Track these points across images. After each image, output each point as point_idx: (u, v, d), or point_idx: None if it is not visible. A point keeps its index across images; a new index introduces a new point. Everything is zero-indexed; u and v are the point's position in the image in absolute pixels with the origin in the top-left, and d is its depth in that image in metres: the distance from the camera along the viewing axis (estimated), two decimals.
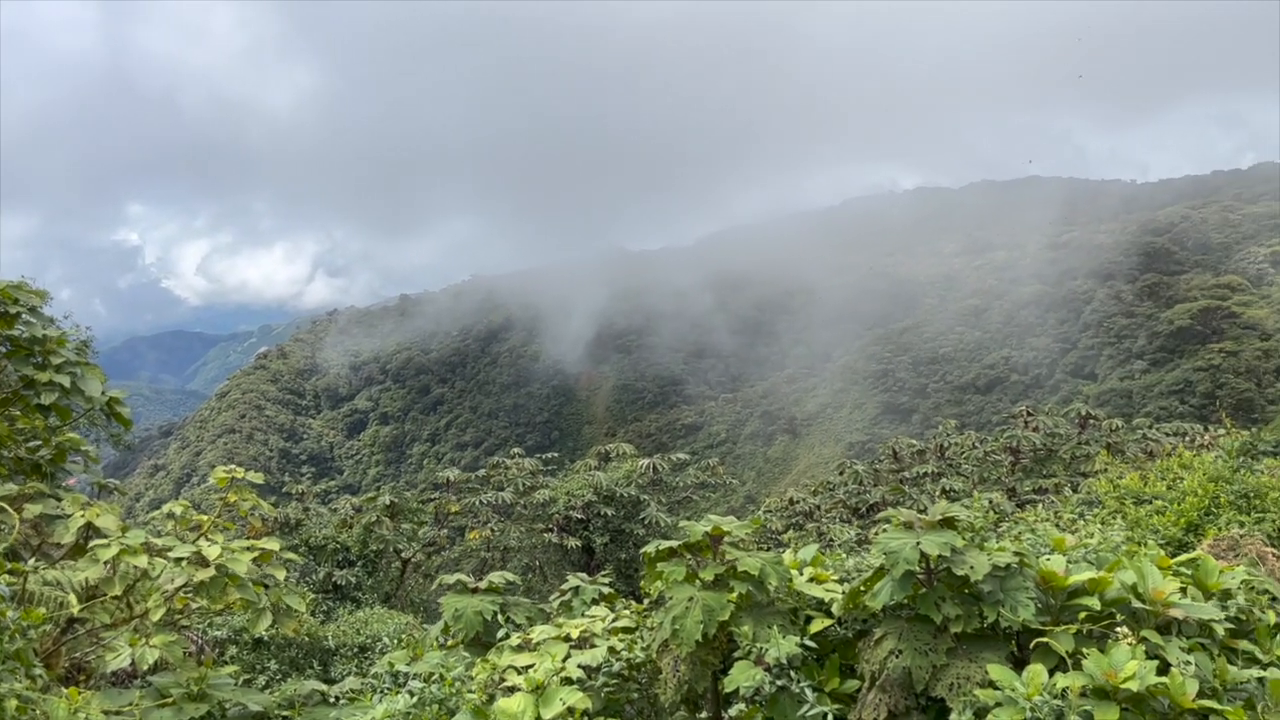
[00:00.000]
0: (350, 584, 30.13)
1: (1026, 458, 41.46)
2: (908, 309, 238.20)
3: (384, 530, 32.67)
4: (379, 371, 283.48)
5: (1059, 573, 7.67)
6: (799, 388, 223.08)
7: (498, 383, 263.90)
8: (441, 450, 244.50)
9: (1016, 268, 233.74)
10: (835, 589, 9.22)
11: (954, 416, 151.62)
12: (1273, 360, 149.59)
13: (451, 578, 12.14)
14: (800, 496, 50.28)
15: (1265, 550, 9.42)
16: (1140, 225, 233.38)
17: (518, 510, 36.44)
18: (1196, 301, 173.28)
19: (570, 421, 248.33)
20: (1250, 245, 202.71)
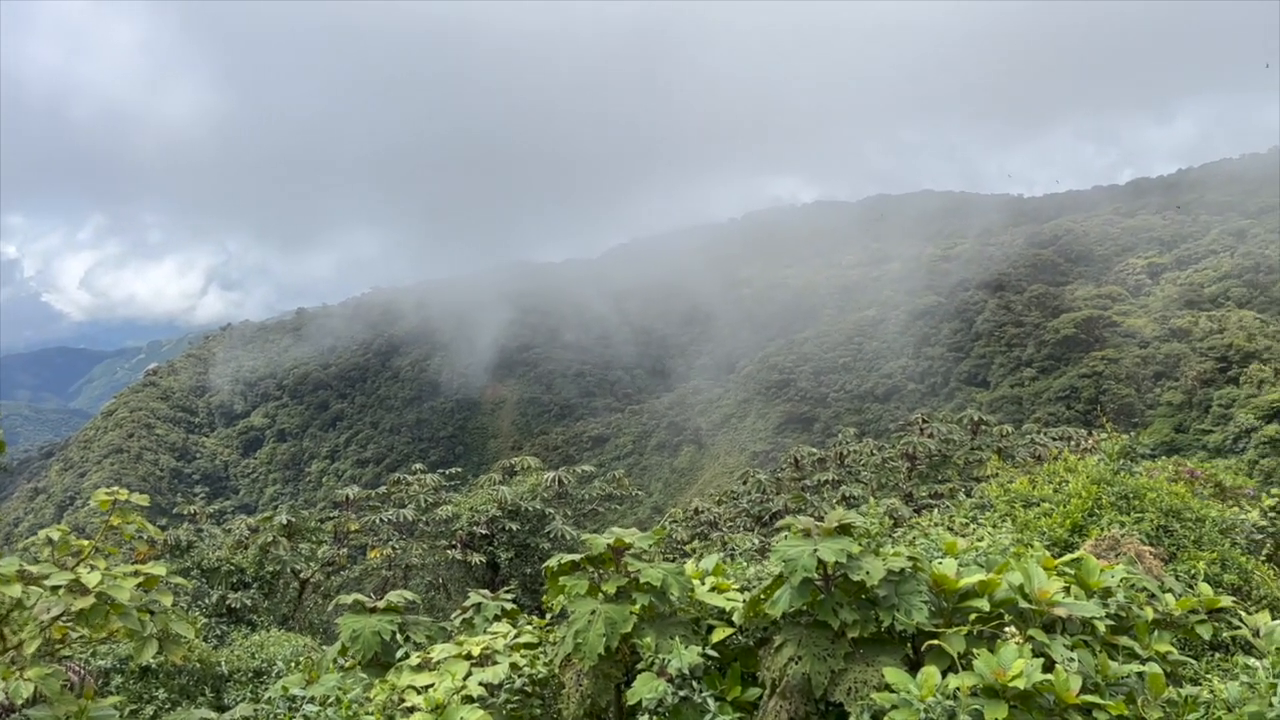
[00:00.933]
0: (245, 606, 29.17)
1: (922, 463, 42.57)
2: (808, 319, 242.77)
3: (281, 550, 31.74)
4: (275, 387, 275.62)
5: (951, 576, 7.86)
6: (704, 398, 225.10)
7: (399, 398, 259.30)
8: (341, 467, 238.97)
9: (912, 279, 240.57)
10: (737, 598, 9.29)
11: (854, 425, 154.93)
12: (1151, 367, 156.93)
13: (349, 598, 11.83)
14: (705, 506, 50.66)
15: (1143, 549, 9.82)
16: (1027, 238, 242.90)
17: (420, 527, 35.80)
18: (1080, 311, 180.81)
19: (475, 436, 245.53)
20: (1129, 257, 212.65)
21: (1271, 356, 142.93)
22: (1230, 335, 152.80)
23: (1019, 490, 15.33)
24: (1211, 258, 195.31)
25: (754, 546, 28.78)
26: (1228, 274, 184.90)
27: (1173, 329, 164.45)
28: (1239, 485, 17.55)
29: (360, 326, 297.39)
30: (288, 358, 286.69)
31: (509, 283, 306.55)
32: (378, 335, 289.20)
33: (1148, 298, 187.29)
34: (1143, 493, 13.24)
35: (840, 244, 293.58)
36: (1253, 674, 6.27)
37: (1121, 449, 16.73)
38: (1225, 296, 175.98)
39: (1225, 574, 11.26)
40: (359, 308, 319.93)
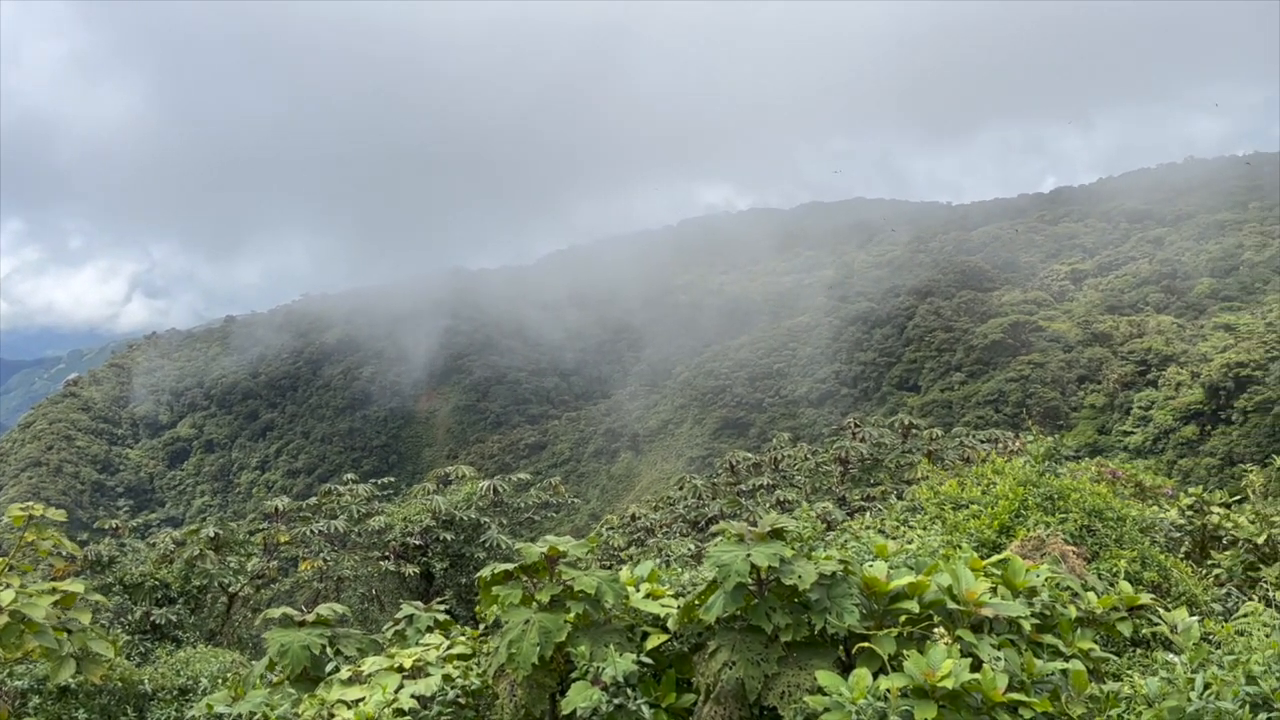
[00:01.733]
0: (170, 623, 28.33)
1: (855, 467, 43.17)
2: (743, 326, 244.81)
3: (208, 564, 30.92)
4: (203, 397, 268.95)
5: (881, 578, 7.96)
6: (641, 404, 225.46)
7: (331, 407, 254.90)
8: (272, 478, 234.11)
9: (844, 285, 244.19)
10: (671, 604, 9.29)
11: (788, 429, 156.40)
12: (1075, 370, 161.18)
13: (277, 612, 11.57)
14: (642, 513, 50.70)
15: (1066, 549, 10.04)
16: (956, 245, 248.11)
17: (352, 539, 35.20)
18: (1007, 317, 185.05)
19: (409, 445, 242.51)
20: (1053, 263, 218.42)
21: (1188, 360, 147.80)
22: (1149, 339, 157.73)
23: (948, 493, 15.53)
24: (1131, 264, 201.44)
25: (689, 552, 28.84)
26: (1146, 280, 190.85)
27: (1095, 333, 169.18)
28: (1158, 485, 18.08)
29: (290, 335, 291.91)
30: (215, 367, 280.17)
31: (443, 290, 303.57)
32: (308, 344, 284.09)
33: (1071, 303, 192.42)
34: (1067, 493, 13.50)
35: (774, 251, 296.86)
36: (1171, 669, 6.43)
37: (1046, 451, 17.09)
38: (1144, 302, 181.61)
39: (1146, 572, 11.56)
40: (289, 316, 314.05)
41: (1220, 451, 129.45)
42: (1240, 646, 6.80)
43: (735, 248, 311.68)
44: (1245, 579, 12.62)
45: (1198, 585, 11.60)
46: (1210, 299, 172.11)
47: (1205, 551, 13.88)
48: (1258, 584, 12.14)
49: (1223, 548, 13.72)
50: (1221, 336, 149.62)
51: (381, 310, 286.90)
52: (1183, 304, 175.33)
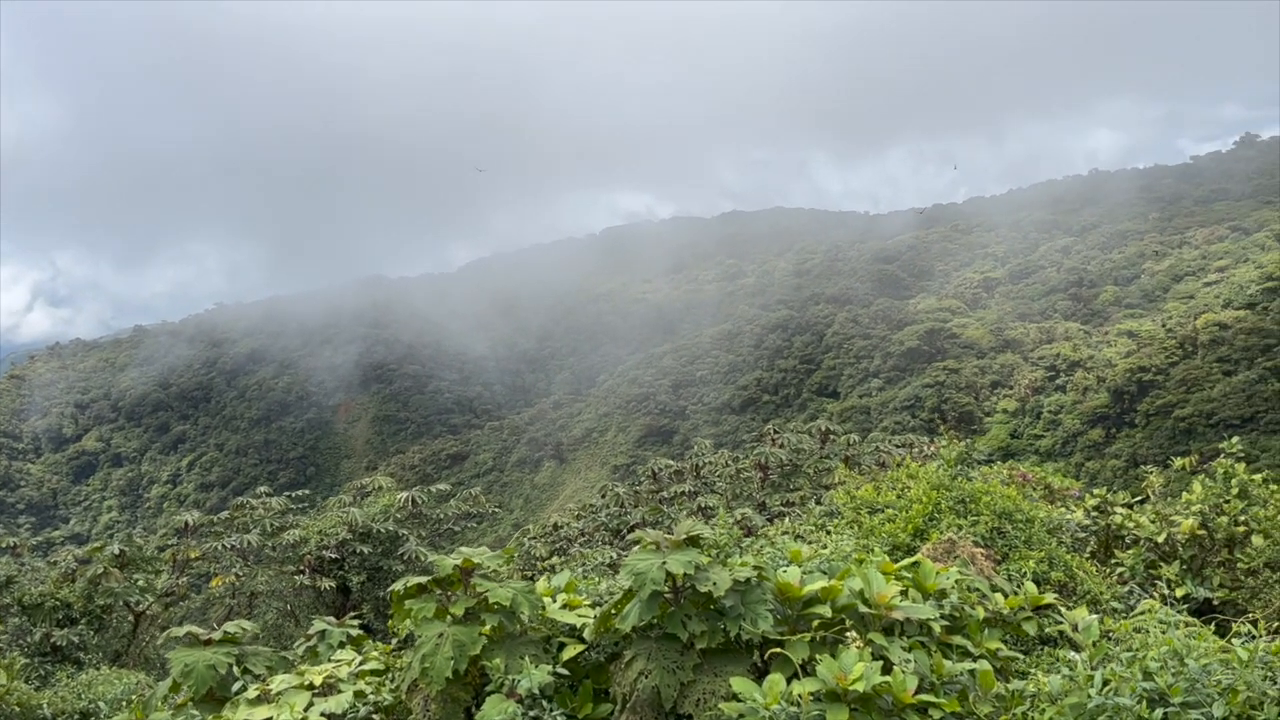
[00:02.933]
0: (72, 644, 27.26)
1: (775, 473, 43.60)
2: (667, 333, 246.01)
3: (112, 582, 29.84)
4: (110, 409, 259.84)
5: (795, 584, 8.01)
6: (565, 413, 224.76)
7: (246, 418, 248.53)
8: (184, 492, 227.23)
9: (765, 294, 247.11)
10: (588, 614, 9.22)
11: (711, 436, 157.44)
12: (988, 376, 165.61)
13: (181, 630, 11.18)
14: (564, 522, 50.46)
15: (976, 551, 10.24)
16: (873, 254, 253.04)
17: (266, 553, 34.31)
18: (923, 324, 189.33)
19: (327, 456, 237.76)
20: (966, 271, 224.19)
21: (1094, 365, 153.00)
22: (1058, 345, 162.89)
23: (864, 497, 15.72)
24: (1040, 273, 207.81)
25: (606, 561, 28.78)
26: (1055, 288, 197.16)
27: (1006, 340, 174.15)
28: (1066, 487, 18.58)
29: (204, 345, 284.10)
30: (124, 378, 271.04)
31: (362, 299, 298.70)
32: (222, 354, 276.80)
33: (984, 310, 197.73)
34: (978, 496, 13.74)
35: (697, 260, 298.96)
36: (1073, 667, 6.58)
37: (959, 455, 17.40)
38: (1053, 309, 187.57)
39: (1053, 572, 11.84)
40: (202, 325, 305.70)
41: (1125, 454, 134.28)
42: (1138, 643, 7.01)
43: (658, 255, 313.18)
44: (1146, 577, 13.01)
45: (1101, 584, 11.93)
46: (1114, 306, 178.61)
47: (1109, 551, 14.26)
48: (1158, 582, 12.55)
49: (1126, 547, 14.11)
50: (1125, 342, 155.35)
51: (298, 320, 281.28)
52: (1088, 311, 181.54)
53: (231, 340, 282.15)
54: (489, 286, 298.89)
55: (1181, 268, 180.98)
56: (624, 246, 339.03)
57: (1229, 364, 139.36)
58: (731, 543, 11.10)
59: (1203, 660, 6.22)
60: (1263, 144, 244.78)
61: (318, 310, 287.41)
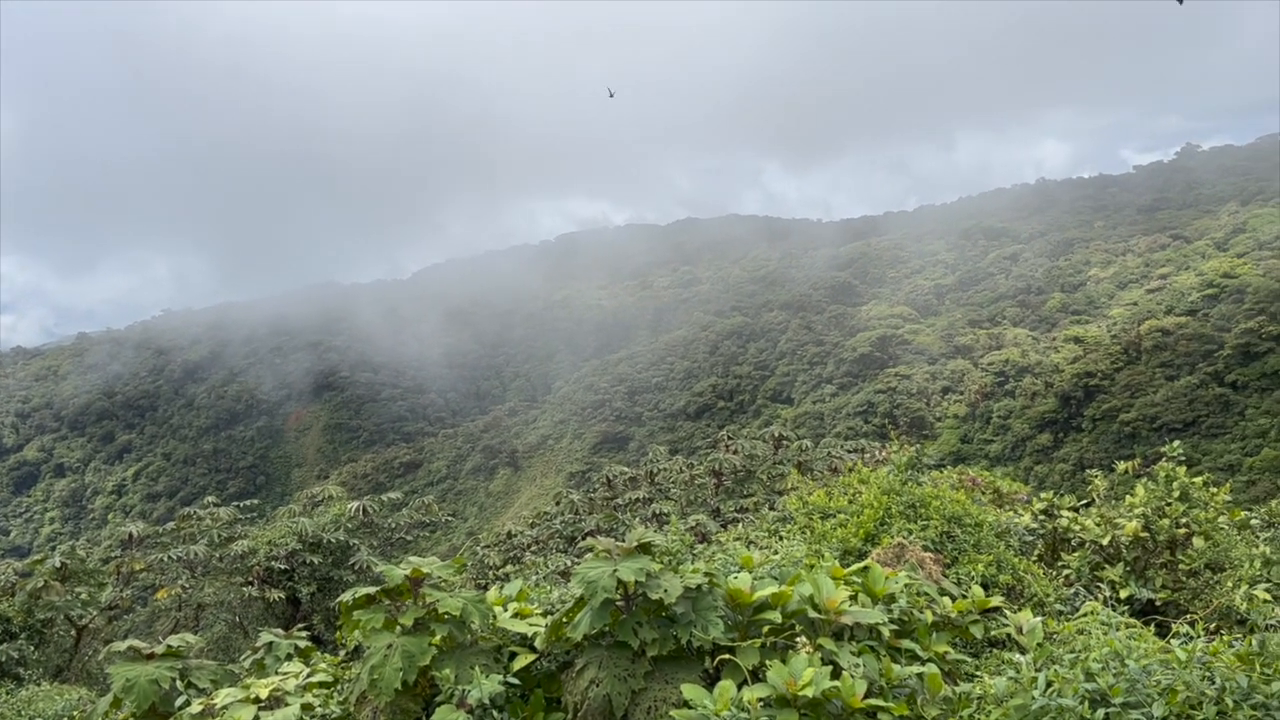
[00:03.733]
0: (12, 659, 26.56)
1: (729, 479, 43.78)
2: (622, 340, 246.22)
3: (54, 596, 29.13)
4: (53, 418, 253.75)
5: (745, 590, 8.03)
6: (519, 420, 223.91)
7: (195, 426, 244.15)
8: (130, 503, 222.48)
9: (720, 300, 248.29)
10: (540, 622, 9.16)
11: (667, 443, 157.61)
12: (939, 382, 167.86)
13: (122, 644, 10.92)
14: (518, 530, 50.23)
15: (924, 555, 10.35)
16: (826, 261, 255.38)
17: (213, 564, 33.70)
18: (875, 330, 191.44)
19: (278, 465, 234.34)
20: (917, 278, 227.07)
21: (1042, 371, 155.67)
22: (1007, 351, 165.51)
23: (816, 502, 15.81)
24: (989, 279, 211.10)
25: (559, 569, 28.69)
26: (1003, 295, 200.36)
27: (957, 346, 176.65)
28: (1015, 491, 18.88)
29: (151, 352, 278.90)
30: (67, 386, 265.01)
31: (314, 306, 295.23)
32: (169, 361, 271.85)
33: (935, 317, 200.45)
34: (928, 501, 13.88)
35: (651, 266, 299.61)
36: (1018, 669, 6.67)
37: (909, 460, 17.58)
38: (1002, 315, 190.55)
39: (1001, 575, 12.00)
40: (149, 332, 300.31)
41: (1072, 458, 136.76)
42: (1080, 645, 7.13)
43: (613, 262, 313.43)
44: (1091, 579, 13.24)
45: (1048, 586, 12.12)
46: (1061, 313, 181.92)
47: (1056, 554, 14.50)
48: (1102, 584, 12.78)
49: (1072, 550, 14.36)
50: (1072, 348, 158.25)
51: (248, 327, 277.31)
52: (1036, 317, 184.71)
53: (179, 348, 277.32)
54: (443, 293, 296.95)
55: (1125, 275, 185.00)
56: (579, 253, 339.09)
57: (1171, 369, 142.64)
58: (684, 549, 11.11)
59: (1143, 661, 6.33)
60: (1202, 154, 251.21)
61: (268, 317, 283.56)
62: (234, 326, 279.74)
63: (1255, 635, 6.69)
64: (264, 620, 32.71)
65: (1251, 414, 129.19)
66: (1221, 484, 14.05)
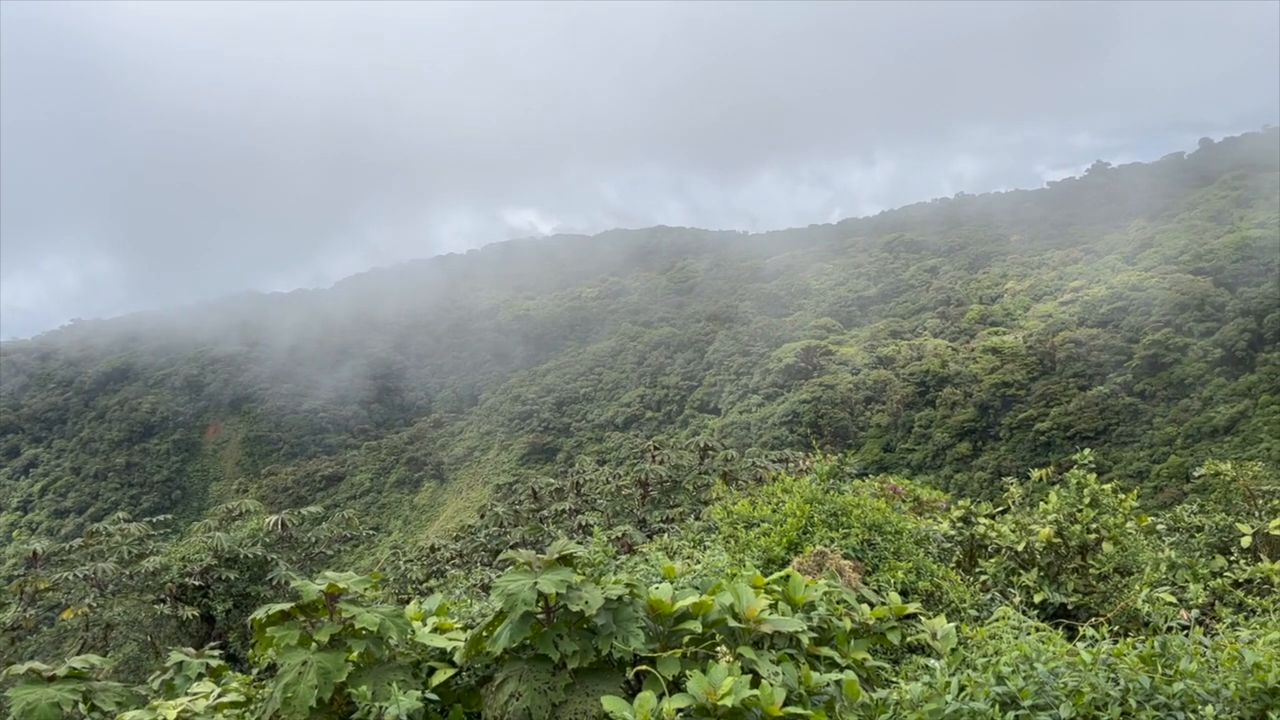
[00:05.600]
0: None
1: (655, 489, 43.85)
2: (550, 350, 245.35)
3: None
4: None
5: (666, 600, 8.03)
6: (445, 432, 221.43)
7: (106, 440, 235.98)
8: (36, 519, 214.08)
9: (648, 311, 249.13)
10: (460, 637, 9.05)
11: (595, 454, 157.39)
12: (862, 392, 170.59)
13: (22, 667, 10.49)
14: (442, 543, 49.59)
15: (844, 563, 10.48)
16: (752, 272, 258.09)
17: (123, 581, 32.57)
18: (800, 341, 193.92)
19: (194, 479, 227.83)
20: (840, 289, 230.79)
21: (961, 381, 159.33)
22: (927, 362, 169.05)
23: (741, 512, 15.90)
24: (910, 291, 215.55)
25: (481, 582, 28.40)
26: (924, 306, 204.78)
27: (879, 357, 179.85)
28: (934, 499, 19.23)
29: (59, 363, 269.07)
30: None
31: (233, 315, 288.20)
32: (79, 373, 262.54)
33: (858, 328, 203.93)
34: (849, 509, 14.07)
35: (580, 276, 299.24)
36: (933, 674, 6.78)
37: (831, 469, 17.81)
38: (922, 327, 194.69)
39: (920, 581, 12.21)
40: (57, 342, 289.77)
41: (990, 466, 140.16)
42: (992, 649, 7.28)
43: (540, 272, 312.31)
44: (1007, 584, 13.55)
45: (965, 592, 12.36)
46: (979, 324, 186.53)
47: (974, 560, 14.81)
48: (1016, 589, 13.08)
49: (989, 556, 14.67)
50: (990, 359, 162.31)
51: (164, 337, 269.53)
52: (955, 329, 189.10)
53: (90, 359, 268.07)
54: (366, 303, 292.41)
55: (1041, 288, 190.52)
56: (507, 262, 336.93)
57: (1084, 379, 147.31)
58: (606, 561, 11.08)
59: (1051, 663, 6.49)
60: (1112, 171, 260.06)
61: (184, 327, 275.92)
62: (148, 337, 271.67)
63: (1157, 637, 6.90)
64: (177, 639, 31.72)
65: (1159, 423, 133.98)
66: (1130, 490, 14.49)
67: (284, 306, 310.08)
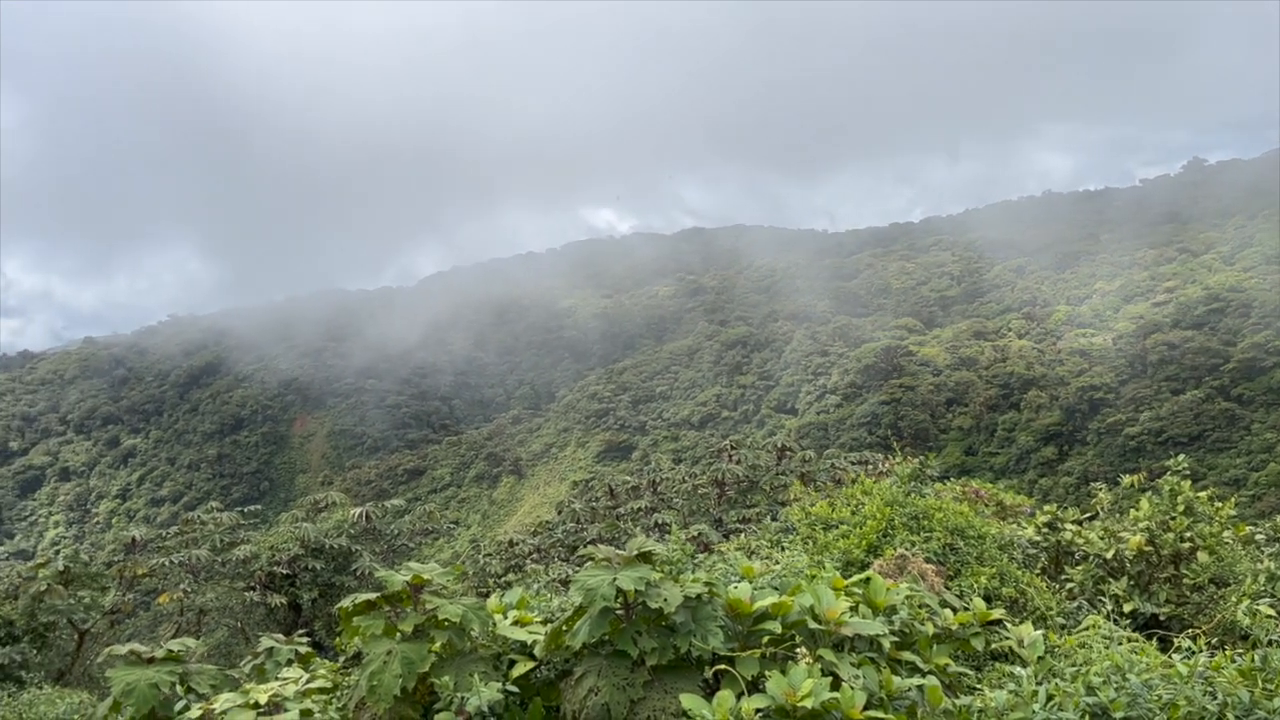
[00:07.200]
0: (14, 663, 26.56)
1: (731, 489, 43.70)
2: (627, 349, 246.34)
3: (56, 599, 29.13)
4: (59, 423, 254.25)
5: (745, 600, 7.99)
6: (523, 428, 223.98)
7: (200, 431, 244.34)
8: (134, 507, 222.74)
9: (725, 310, 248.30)
10: (539, 630, 9.14)
11: (670, 452, 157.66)
12: (943, 394, 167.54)
13: (123, 648, 10.91)
14: (520, 538, 50.17)
15: (926, 567, 10.31)
16: (832, 271, 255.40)
17: (215, 569, 33.71)
18: (880, 341, 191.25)
19: (282, 471, 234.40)
20: (922, 289, 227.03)
21: (1046, 384, 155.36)
22: (1011, 364, 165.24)
23: (819, 513, 15.78)
24: (995, 291, 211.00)
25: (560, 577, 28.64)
26: (1009, 307, 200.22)
27: (962, 358, 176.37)
28: (1018, 504, 18.80)
29: (157, 356, 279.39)
30: (73, 390, 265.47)
31: (320, 312, 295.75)
32: (175, 365, 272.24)
33: (940, 329, 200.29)
34: (931, 513, 13.84)
35: (657, 275, 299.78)
36: (1019, 682, 6.64)
37: (912, 472, 17.56)
38: (1007, 328, 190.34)
39: (1004, 588, 11.96)
40: (155, 336, 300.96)
41: (1076, 471, 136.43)
42: (1081, 659, 7.09)
43: (619, 271, 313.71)
44: (1095, 593, 13.18)
45: (1051, 600, 12.07)
46: (1067, 325, 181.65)
47: (1059, 567, 14.46)
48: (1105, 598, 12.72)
49: (1075, 563, 14.31)
50: (1077, 361, 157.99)
51: (254, 331, 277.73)
52: (1041, 330, 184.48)
53: (185, 353, 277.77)
54: (448, 300, 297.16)
55: (1131, 289, 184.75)
56: (585, 261, 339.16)
57: (1177, 383, 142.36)
58: (684, 559, 11.09)
59: (1144, 675, 6.30)
60: (1209, 168, 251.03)
61: (273, 322, 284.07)
62: (238, 332, 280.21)
63: (1258, 650, 6.65)
64: (265, 625, 32.70)
65: (1257, 429, 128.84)
66: (1226, 498, 13.98)
67: (369, 304, 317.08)
